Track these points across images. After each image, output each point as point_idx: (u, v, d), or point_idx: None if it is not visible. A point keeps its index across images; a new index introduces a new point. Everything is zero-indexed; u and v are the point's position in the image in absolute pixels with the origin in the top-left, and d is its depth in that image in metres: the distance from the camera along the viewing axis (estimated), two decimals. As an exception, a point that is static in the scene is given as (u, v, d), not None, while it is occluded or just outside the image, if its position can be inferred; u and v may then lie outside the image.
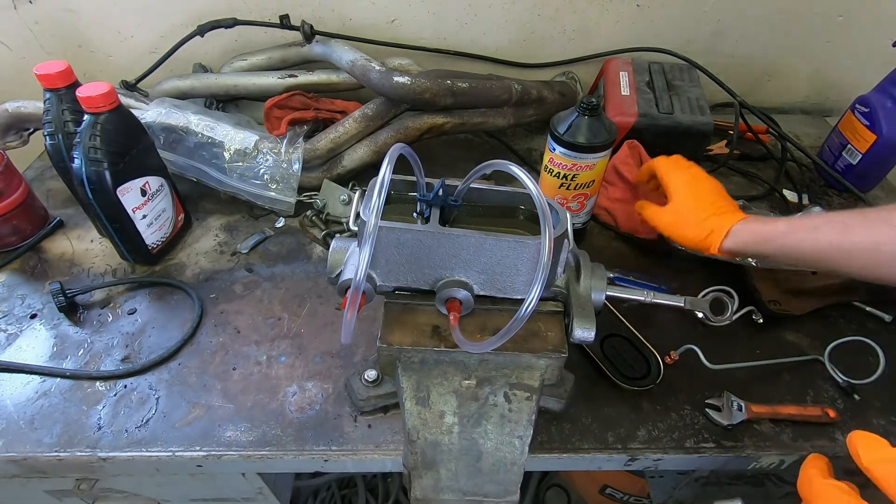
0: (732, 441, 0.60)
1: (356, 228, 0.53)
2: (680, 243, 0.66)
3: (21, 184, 0.78)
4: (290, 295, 0.74)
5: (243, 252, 0.80)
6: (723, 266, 0.75)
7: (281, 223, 0.86)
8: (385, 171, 0.45)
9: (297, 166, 0.82)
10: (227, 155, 0.82)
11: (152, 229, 0.75)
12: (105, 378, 0.64)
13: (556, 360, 0.53)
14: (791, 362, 0.67)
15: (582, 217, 0.80)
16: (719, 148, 1.03)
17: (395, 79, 0.83)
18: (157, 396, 0.62)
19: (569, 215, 0.55)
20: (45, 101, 0.70)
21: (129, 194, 0.70)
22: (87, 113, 0.64)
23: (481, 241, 0.49)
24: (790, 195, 0.94)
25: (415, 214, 0.56)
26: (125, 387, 0.63)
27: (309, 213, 0.86)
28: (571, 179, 0.72)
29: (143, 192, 0.72)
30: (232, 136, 0.82)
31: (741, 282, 0.73)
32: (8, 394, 0.62)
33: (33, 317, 0.71)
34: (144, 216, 0.73)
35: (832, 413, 0.62)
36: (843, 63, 1.11)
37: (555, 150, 0.71)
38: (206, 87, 0.95)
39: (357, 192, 0.69)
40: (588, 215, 0.80)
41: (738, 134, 0.96)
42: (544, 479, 1.35)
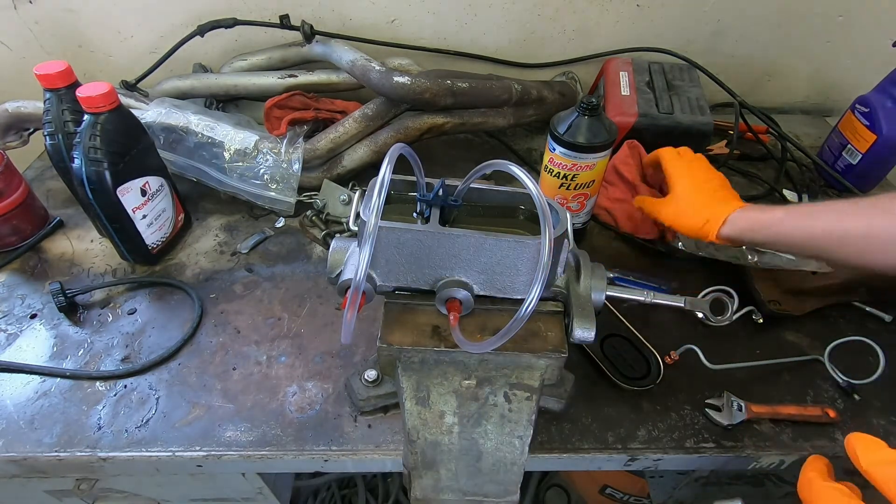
0: (732, 441, 0.60)
1: (356, 228, 0.53)
2: (680, 232, 0.67)
3: (21, 184, 0.78)
4: (290, 295, 0.74)
5: (243, 252, 0.80)
6: (723, 266, 0.75)
7: (281, 223, 0.86)
8: (385, 171, 0.45)
9: (297, 166, 0.82)
10: (227, 155, 0.82)
11: (152, 229, 0.75)
12: (105, 378, 0.64)
13: (556, 360, 0.53)
14: (791, 362, 0.67)
15: (582, 217, 0.80)
16: (719, 148, 1.03)
17: (395, 79, 0.83)
18: (157, 396, 0.62)
19: (569, 215, 0.54)
20: (45, 101, 0.70)
21: (129, 194, 0.70)
22: (87, 113, 0.64)
23: (481, 241, 0.49)
24: (790, 195, 0.94)
25: (415, 214, 0.56)
26: (125, 387, 0.63)
27: (309, 213, 0.86)
28: (571, 179, 0.72)
29: (143, 192, 0.72)
30: (232, 136, 0.82)
31: (741, 282, 0.73)
32: (8, 394, 0.62)
33: (33, 317, 0.71)
34: (144, 216, 0.73)
35: (832, 413, 0.62)
36: (843, 63, 1.11)
37: (555, 150, 0.71)
38: (206, 87, 0.95)
39: (357, 192, 0.69)
40: (588, 215, 0.80)
41: (738, 134, 0.96)
42: (544, 479, 1.35)
